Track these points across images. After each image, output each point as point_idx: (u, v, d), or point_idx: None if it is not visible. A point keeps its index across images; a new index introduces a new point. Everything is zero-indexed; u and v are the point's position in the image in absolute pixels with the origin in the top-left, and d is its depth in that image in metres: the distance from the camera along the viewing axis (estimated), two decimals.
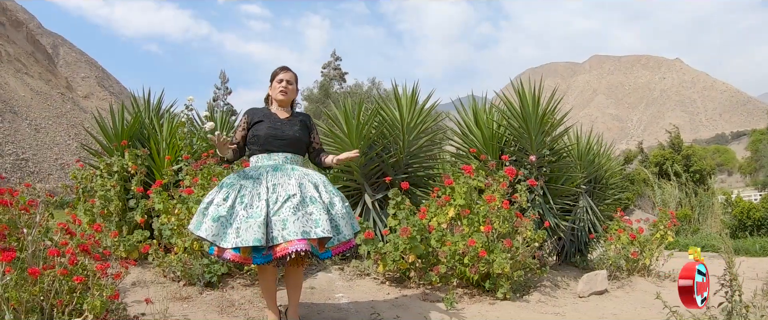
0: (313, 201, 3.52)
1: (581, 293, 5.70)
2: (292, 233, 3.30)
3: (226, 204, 3.46)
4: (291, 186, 3.54)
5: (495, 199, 5.13)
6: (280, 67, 4.05)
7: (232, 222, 3.41)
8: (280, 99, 3.96)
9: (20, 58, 43.87)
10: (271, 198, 3.47)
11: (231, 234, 3.36)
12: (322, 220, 3.44)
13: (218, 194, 3.56)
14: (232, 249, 3.38)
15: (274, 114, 3.94)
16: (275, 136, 3.79)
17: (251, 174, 3.64)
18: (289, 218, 3.36)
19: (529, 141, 6.38)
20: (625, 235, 6.85)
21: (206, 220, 3.43)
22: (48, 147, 36.24)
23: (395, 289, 5.10)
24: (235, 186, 3.56)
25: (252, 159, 3.87)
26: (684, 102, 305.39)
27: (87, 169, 6.11)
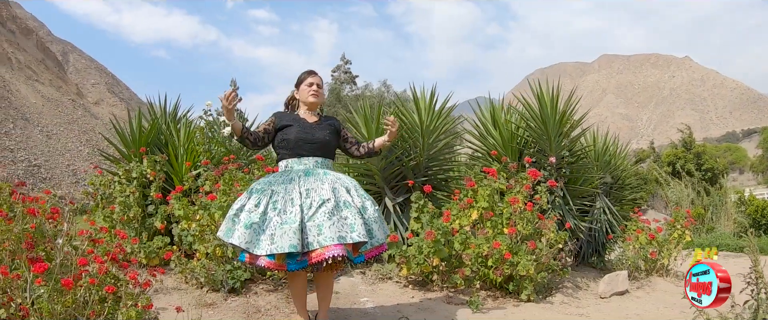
0: (347, 205, 3.48)
1: (603, 294, 5.65)
2: (328, 238, 3.25)
3: (258, 210, 3.40)
4: (325, 190, 3.48)
5: (518, 201, 5.08)
6: (306, 71, 4.00)
7: (265, 228, 3.35)
8: (311, 102, 3.90)
9: (31, 65, 44.10)
10: (304, 204, 3.41)
11: (264, 241, 3.31)
12: (357, 224, 3.40)
13: (249, 200, 3.50)
14: (267, 257, 3.32)
15: (302, 118, 3.88)
16: (305, 139, 3.73)
17: (282, 179, 3.59)
18: (324, 223, 3.31)
19: (548, 142, 6.34)
20: (643, 235, 6.78)
21: (238, 227, 3.37)
22: (60, 153, 36.40)
23: (419, 292, 5.06)
24: (267, 192, 3.50)
25: (281, 163, 3.80)
26: (694, 100, 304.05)
27: (105, 176, 6.10)
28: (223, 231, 3.49)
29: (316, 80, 3.95)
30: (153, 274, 3.22)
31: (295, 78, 4.02)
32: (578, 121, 6.87)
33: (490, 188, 5.20)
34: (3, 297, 2.55)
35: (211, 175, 5.24)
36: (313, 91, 3.90)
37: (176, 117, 7.10)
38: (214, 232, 4.70)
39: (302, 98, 3.95)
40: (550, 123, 6.29)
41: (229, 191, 4.72)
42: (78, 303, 2.47)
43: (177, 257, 4.64)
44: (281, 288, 4.75)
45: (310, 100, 3.90)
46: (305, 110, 3.96)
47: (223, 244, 4.64)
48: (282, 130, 3.79)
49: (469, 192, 5.38)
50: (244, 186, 4.75)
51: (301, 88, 3.96)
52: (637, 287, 6.14)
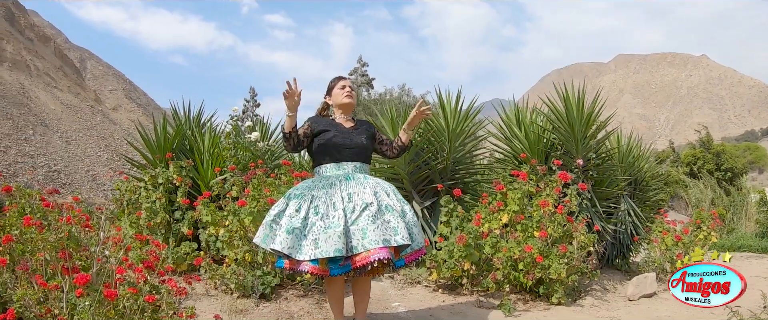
0: (390, 209, 3.44)
1: (631, 296, 5.59)
2: (373, 242, 3.23)
3: (299, 215, 3.37)
4: (367, 194, 3.45)
5: (548, 204, 5.02)
6: (335, 77, 3.99)
7: (307, 233, 3.32)
8: (346, 103, 3.87)
9: (49, 72, 44.44)
10: (347, 208, 3.39)
11: (307, 246, 3.28)
12: (400, 228, 3.37)
13: (288, 205, 3.47)
14: (310, 261, 3.28)
15: (339, 123, 3.84)
16: (344, 144, 3.69)
17: (322, 184, 3.55)
18: (368, 227, 3.28)
19: (574, 144, 6.29)
20: (669, 237, 6.70)
21: (280, 233, 3.34)
22: (79, 159, 36.61)
23: (449, 297, 5.03)
24: (307, 197, 3.47)
25: (320, 169, 3.75)
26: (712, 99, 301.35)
27: (131, 182, 6.10)
28: (260, 237, 3.46)
29: (348, 82, 3.94)
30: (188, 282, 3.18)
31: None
32: (604, 122, 6.82)
33: (520, 191, 5.15)
34: (41, 308, 2.52)
35: (238, 181, 5.22)
36: (347, 92, 3.87)
37: (200, 122, 7.11)
38: (244, 238, 4.67)
39: (336, 101, 3.91)
40: (577, 125, 6.24)
41: (259, 196, 4.68)
42: (119, 313, 2.43)
43: (207, 263, 4.61)
44: (311, 294, 4.72)
45: (346, 101, 3.87)
46: (340, 115, 3.92)
47: (253, 250, 4.62)
48: (319, 135, 3.74)
49: (497, 196, 5.33)
50: (274, 191, 4.72)
51: (334, 92, 3.93)
52: (664, 289, 6.06)
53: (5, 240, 2.82)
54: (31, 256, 2.85)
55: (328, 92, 3.97)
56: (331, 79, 4.00)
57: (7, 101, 34.52)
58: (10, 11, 46.78)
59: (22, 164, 31.53)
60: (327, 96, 3.98)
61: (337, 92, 3.91)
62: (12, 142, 32.27)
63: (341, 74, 4.03)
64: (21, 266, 2.59)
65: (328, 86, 3.98)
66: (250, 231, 4.61)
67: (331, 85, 3.96)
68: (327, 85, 4.00)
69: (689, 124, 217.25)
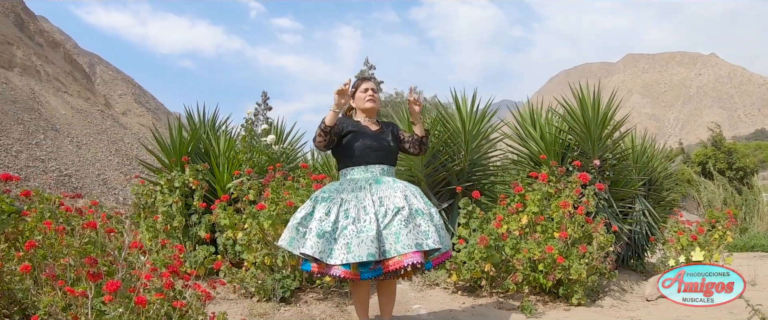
0: (420, 212, 3.43)
1: (649, 296, 5.55)
2: (406, 246, 3.21)
3: (329, 218, 3.34)
4: (398, 198, 3.42)
5: (569, 205, 4.99)
6: (358, 78, 3.96)
7: (338, 237, 3.29)
8: (369, 107, 3.84)
9: (59, 77, 44.62)
10: (379, 212, 3.36)
11: (338, 250, 3.25)
12: (431, 231, 3.36)
13: (317, 208, 3.44)
14: (342, 266, 3.25)
15: (365, 126, 3.81)
16: (371, 147, 3.67)
17: (351, 187, 3.53)
18: (401, 231, 3.26)
19: (590, 145, 6.27)
20: (684, 237, 6.64)
21: (310, 236, 3.30)
22: (90, 163, 36.73)
23: (469, 298, 5.01)
24: (336, 200, 3.44)
25: (346, 172, 3.70)
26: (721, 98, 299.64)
27: (147, 186, 6.09)
28: (286, 240, 3.43)
29: (370, 85, 3.90)
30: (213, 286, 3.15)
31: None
32: (620, 122, 6.79)
33: (540, 193, 5.12)
34: (67, 315, 2.49)
35: (255, 184, 5.20)
36: (369, 97, 3.84)
37: (215, 126, 7.10)
38: (262, 241, 4.65)
39: (359, 106, 3.88)
40: (593, 125, 6.22)
41: (278, 200, 4.66)
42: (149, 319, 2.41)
43: (226, 267, 4.59)
44: (331, 296, 4.70)
45: (368, 105, 3.84)
46: (364, 117, 3.89)
47: (272, 253, 4.60)
48: (344, 136, 3.72)
49: (516, 197, 5.31)
50: (293, 194, 4.69)
51: (356, 95, 3.89)
52: None
53: (28, 246, 2.80)
54: (55, 262, 2.83)
55: (352, 95, 3.92)
56: (356, 80, 3.96)
57: (18, 106, 34.69)
58: (19, 17, 47.06)
59: (34, 168, 31.66)
60: (351, 99, 3.93)
61: (359, 96, 3.87)
62: (23, 146, 32.41)
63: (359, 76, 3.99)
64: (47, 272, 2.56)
65: (352, 88, 3.93)
66: (269, 234, 4.59)
67: (354, 87, 3.92)
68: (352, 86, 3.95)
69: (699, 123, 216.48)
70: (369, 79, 3.96)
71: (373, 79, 3.87)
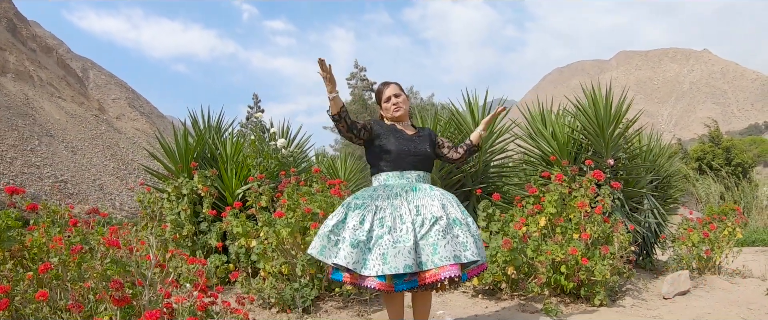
0: (458, 223, 3.26)
1: (666, 294, 5.47)
2: (444, 258, 3.05)
3: (364, 227, 3.17)
4: (435, 207, 3.25)
5: (586, 205, 4.88)
6: (382, 83, 3.75)
7: (372, 247, 3.12)
8: (397, 116, 3.65)
9: (52, 82, 44.41)
10: (416, 221, 3.19)
11: (373, 261, 3.08)
12: (470, 243, 3.20)
13: (350, 216, 3.27)
14: (377, 277, 3.08)
15: (400, 129, 3.63)
16: (408, 152, 3.50)
17: (387, 194, 3.35)
18: (439, 242, 3.10)
19: (603, 144, 6.17)
20: (696, 234, 6.56)
21: (344, 246, 3.12)
22: (85, 168, 36.56)
23: (490, 302, 4.92)
24: (370, 208, 3.26)
25: (380, 177, 3.52)
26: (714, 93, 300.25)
27: (153, 193, 5.92)
28: (316, 249, 3.24)
29: (393, 91, 3.68)
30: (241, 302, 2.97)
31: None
32: (632, 120, 6.72)
33: (557, 193, 5.00)
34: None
35: (268, 190, 5.04)
36: (395, 106, 3.65)
37: (220, 129, 6.94)
38: (279, 250, 4.50)
39: (387, 115, 3.70)
40: (606, 124, 6.13)
41: (295, 206, 4.51)
42: None
43: (244, 277, 4.43)
44: (351, 305, 4.58)
45: (396, 114, 3.65)
46: (398, 122, 3.71)
47: (289, 262, 4.45)
48: (378, 138, 3.54)
49: (531, 199, 5.19)
50: (310, 200, 4.54)
51: (382, 106, 3.72)
52: (694, 286, 5.96)
53: (43, 269, 2.63)
54: (72, 286, 2.65)
55: (378, 103, 3.78)
56: (379, 86, 3.77)
57: (12, 112, 34.49)
58: (12, 22, 46.80)
59: (29, 175, 31.47)
60: (379, 107, 3.79)
61: (385, 107, 3.70)
62: (18, 152, 32.23)
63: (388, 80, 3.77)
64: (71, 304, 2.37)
65: (376, 95, 3.77)
66: (287, 242, 4.44)
67: (378, 95, 3.75)
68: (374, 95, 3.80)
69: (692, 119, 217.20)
70: (391, 83, 3.74)
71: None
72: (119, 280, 2.33)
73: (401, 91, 3.70)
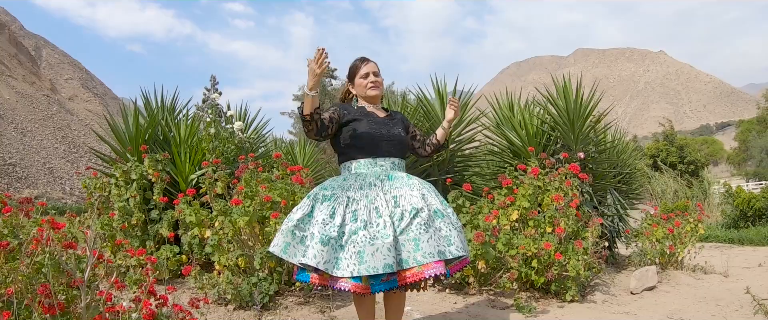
0: (439, 214, 2.90)
1: (634, 289, 5.39)
2: (427, 255, 2.70)
3: (334, 222, 2.78)
4: (415, 197, 2.88)
5: (561, 198, 4.69)
6: (358, 59, 3.33)
7: (345, 244, 2.74)
8: (372, 95, 3.25)
9: (3, 60, 42.99)
10: (394, 214, 2.82)
11: (347, 260, 2.70)
12: (453, 236, 2.85)
13: (318, 208, 2.87)
14: (352, 279, 2.69)
15: (371, 112, 3.24)
16: (381, 136, 3.11)
17: (359, 184, 2.96)
18: (421, 237, 2.73)
19: (572, 137, 6.04)
20: (659, 229, 6.48)
21: (313, 243, 2.73)
22: (35, 150, 35.44)
23: (458, 297, 4.71)
24: (341, 200, 2.88)
25: (350, 165, 3.13)
26: (668, 94, 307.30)
27: (100, 178, 5.50)
28: (279, 246, 2.84)
29: (372, 68, 3.28)
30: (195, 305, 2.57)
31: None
32: (603, 113, 6.61)
33: (532, 187, 4.79)
34: None
35: (223, 176, 4.68)
36: (371, 83, 3.25)
37: (174, 111, 6.54)
38: (236, 241, 4.17)
39: (360, 92, 3.30)
40: (576, 116, 6.03)
41: (253, 194, 4.17)
42: None
43: (197, 271, 4.04)
44: (313, 300, 4.29)
45: (371, 93, 3.25)
46: (368, 104, 3.31)
47: (246, 255, 4.12)
48: (348, 124, 3.14)
49: (504, 191, 4.98)
50: (270, 188, 4.21)
51: (356, 81, 3.30)
52: (659, 281, 5.90)
53: None
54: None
55: (350, 78, 3.36)
56: (354, 61, 3.35)
57: None
58: None
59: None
60: (349, 82, 3.39)
61: (359, 82, 3.29)
62: None
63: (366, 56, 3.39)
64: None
65: (350, 70, 3.35)
66: (244, 233, 4.11)
67: (353, 69, 3.33)
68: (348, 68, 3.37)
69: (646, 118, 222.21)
70: (370, 60, 3.33)
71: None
72: (47, 285, 1.97)
73: (379, 72, 3.34)
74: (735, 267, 6.89)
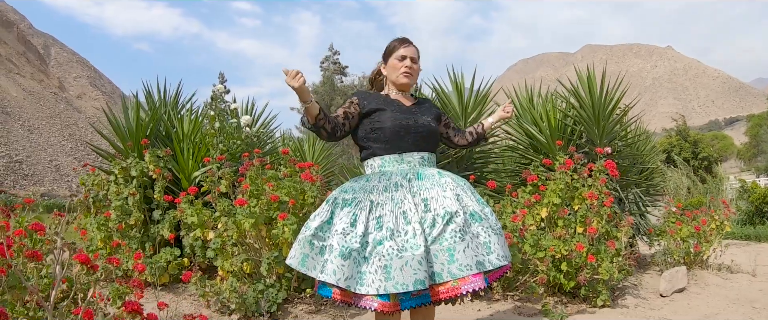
0: (476, 217, 2.47)
1: (664, 292, 5.01)
2: (464, 267, 2.30)
3: (356, 231, 2.39)
4: (449, 199, 2.46)
5: (596, 196, 4.33)
6: (397, 39, 2.88)
7: (369, 256, 2.34)
8: (403, 82, 2.82)
9: (12, 58, 42.93)
10: (425, 219, 2.41)
11: (371, 275, 2.30)
12: (493, 242, 2.43)
13: (337, 215, 2.49)
14: (378, 297, 2.30)
15: (395, 100, 2.82)
16: (408, 128, 2.68)
17: (383, 185, 2.55)
18: (456, 246, 2.32)
19: (597, 131, 5.69)
20: (685, 228, 6.09)
21: (331, 257, 2.36)
22: (42, 148, 35.33)
23: (482, 304, 4.37)
24: (363, 204, 2.48)
25: (373, 162, 2.73)
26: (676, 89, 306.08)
27: (98, 175, 5.17)
28: (296, 258, 2.48)
29: (411, 53, 2.84)
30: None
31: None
32: (629, 105, 6.26)
33: (563, 183, 4.43)
34: None
35: (228, 173, 4.34)
36: (405, 69, 2.81)
37: (177, 106, 6.22)
38: (241, 244, 3.83)
39: (391, 76, 2.86)
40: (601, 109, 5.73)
41: (259, 193, 3.82)
42: None
43: (198, 277, 3.68)
44: (324, 308, 3.96)
45: (402, 80, 2.82)
46: (396, 92, 2.89)
47: (252, 259, 3.78)
48: (371, 115, 2.73)
49: (529, 188, 4.63)
50: (277, 186, 3.85)
51: (390, 61, 2.86)
52: (687, 283, 5.53)
53: None
54: None
55: (384, 58, 2.92)
56: (393, 41, 2.91)
57: None
58: None
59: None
60: (382, 62, 2.94)
61: (393, 63, 2.85)
62: None
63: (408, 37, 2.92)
64: None
65: (386, 49, 2.91)
66: (250, 236, 3.76)
67: (390, 48, 2.88)
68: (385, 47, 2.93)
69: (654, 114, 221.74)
70: (411, 43, 2.88)
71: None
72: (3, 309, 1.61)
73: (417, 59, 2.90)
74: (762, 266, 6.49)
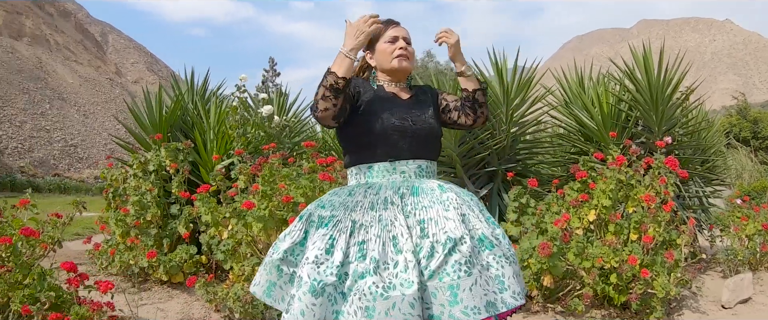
0: (487, 244, 1.93)
1: (727, 303, 4.45)
2: (471, 310, 1.76)
3: (333, 260, 1.85)
4: (451, 221, 1.90)
5: (653, 199, 3.78)
6: (384, 21, 2.24)
7: (348, 292, 1.81)
8: (402, 67, 2.21)
9: (69, 46, 43.80)
10: (420, 246, 1.86)
11: (351, 317, 1.77)
12: (507, 275, 1.90)
13: (313, 238, 1.95)
14: None
15: (390, 93, 2.24)
16: (403, 130, 2.10)
17: (369, 201, 2.00)
18: (461, 284, 1.77)
19: (656, 117, 5.16)
20: (751, 224, 5.40)
21: (300, 294, 1.79)
22: (97, 132, 36.01)
23: (518, 317, 3.95)
24: (343, 224, 1.93)
25: (359, 171, 2.16)
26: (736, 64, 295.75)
27: (117, 168, 4.94)
28: (261, 286, 2.00)
29: (402, 33, 2.25)
30: None
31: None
32: (690, 88, 5.68)
33: (614, 181, 3.87)
34: None
35: (245, 168, 3.99)
36: (400, 51, 2.21)
37: (205, 94, 5.92)
38: (253, 246, 3.50)
39: (383, 64, 2.26)
40: (660, 93, 5.16)
41: (271, 193, 3.45)
42: None
43: (204, 283, 3.34)
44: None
45: (401, 64, 2.21)
46: (389, 81, 2.28)
47: None
48: (358, 111, 2.14)
49: (576, 185, 4.12)
50: (291, 185, 3.47)
51: (378, 47, 2.25)
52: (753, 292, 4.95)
53: None
54: None
55: (370, 46, 2.29)
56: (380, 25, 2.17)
57: (23, 76, 34.00)
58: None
59: (38, 138, 30.94)
60: (367, 52, 2.32)
61: (383, 47, 2.24)
62: (28, 116, 31.72)
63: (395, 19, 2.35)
64: None
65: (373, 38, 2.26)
66: (261, 241, 3.42)
67: (375, 34, 2.23)
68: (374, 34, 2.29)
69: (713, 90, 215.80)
70: (398, 24, 2.29)
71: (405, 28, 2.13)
72: None
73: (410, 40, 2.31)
74: None
